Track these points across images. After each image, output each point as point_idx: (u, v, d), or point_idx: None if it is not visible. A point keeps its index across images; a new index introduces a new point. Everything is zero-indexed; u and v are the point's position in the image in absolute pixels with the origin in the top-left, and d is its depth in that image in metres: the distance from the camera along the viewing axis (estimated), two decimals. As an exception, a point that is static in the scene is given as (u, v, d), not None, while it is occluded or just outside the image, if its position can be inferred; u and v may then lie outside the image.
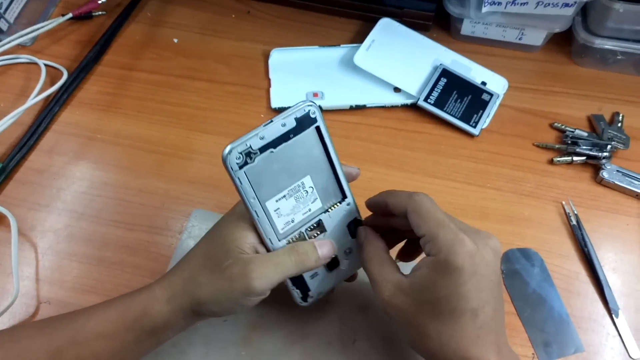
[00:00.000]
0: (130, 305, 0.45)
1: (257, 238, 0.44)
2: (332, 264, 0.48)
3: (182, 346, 0.53)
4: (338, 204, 0.46)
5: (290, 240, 0.45)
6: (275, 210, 0.43)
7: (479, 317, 0.40)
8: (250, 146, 0.40)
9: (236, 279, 0.42)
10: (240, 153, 0.40)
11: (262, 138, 0.40)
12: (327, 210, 0.46)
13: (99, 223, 0.61)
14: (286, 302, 0.49)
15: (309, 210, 0.45)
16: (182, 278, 0.44)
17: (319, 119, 0.42)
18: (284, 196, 0.43)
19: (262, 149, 0.40)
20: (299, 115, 0.41)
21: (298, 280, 0.47)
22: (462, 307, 0.40)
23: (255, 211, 0.42)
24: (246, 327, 0.54)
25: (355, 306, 0.55)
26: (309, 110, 0.41)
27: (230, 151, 0.39)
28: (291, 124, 0.41)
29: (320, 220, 0.46)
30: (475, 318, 0.40)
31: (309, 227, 0.46)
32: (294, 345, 0.54)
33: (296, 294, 0.48)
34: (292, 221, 0.45)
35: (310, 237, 0.46)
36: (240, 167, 0.40)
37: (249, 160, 0.40)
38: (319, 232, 0.46)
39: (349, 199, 0.46)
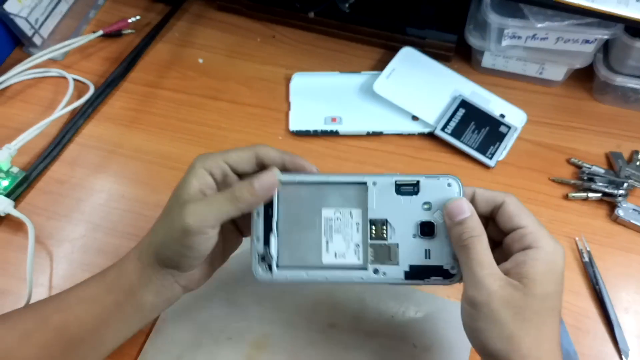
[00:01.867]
0: (110, 269, 0.47)
1: (207, 183, 0.45)
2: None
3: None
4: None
5: None
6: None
7: (559, 320, 0.41)
8: None
9: (175, 219, 0.43)
10: None
11: None
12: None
13: (113, 235, 0.62)
14: (291, 323, 0.49)
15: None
16: (148, 235, 0.46)
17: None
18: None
19: None
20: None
21: None
22: (558, 305, 0.41)
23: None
24: (250, 346, 0.55)
25: (362, 333, 0.55)
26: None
27: None
28: None
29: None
30: (559, 321, 0.42)
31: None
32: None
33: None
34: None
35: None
36: None
37: None
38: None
39: None
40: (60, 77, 0.74)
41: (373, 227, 0.44)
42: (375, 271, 0.44)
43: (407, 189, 0.44)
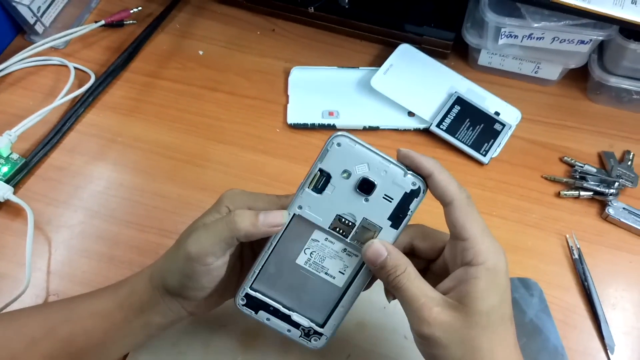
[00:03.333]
0: (123, 284, 0.47)
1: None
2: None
3: (182, 347, 0.55)
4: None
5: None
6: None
7: (513, 326, 0.41)
8: None
9: (180, 246, 0.43)
10: None
11: None
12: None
13: (112, 222, 0.63)
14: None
15: None
16: (162, 257, 0.47)
17: None
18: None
19: None
20: None
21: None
22: (508, 314, 0.40)
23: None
24: (244, 333, 0.56)
25: (352, 322, 0.56)
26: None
27: None
28: None
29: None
30: (512, 326, 0.41)
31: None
32: (288, 353, 0.55)
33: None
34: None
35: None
36: None
37: None
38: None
39: None
40: (62, 65, 0.74)
41: (338, 229, 0.43)
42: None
43: (322, 182, 0.42)
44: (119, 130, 0.70)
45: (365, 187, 0.42)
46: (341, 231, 0.43)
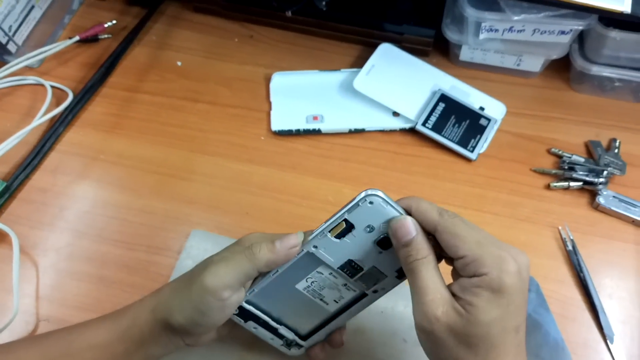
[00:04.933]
0: (123, 315, 0.46)
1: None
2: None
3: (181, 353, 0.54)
4: None
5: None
6: None
7: (519, 334, 0.40)
8: None
9: (192, 281, 0.43)
10: None
11: None
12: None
13: (100, 242, 0.62)
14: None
15: None
16: (168, 289, 0.46)
17: None
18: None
19: None
20: None
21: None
22: (510, 325, 0.39)
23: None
24: (242, 348, 0.55)
25: (350, 328, 0.56)
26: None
27: None
28: None
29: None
30: (517, 335, 0.40)
31: None
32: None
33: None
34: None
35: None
36: None
37: None
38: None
39: None
40: (38, 84, 0.73)
41: (345, 270, 0.45)
42: (375, 291, 0.46)
43: (344, 231, 0.43)
44: (101, 147, 0.69)
45: (385, 243, 0.43)
46: (348, 272, 0.45)
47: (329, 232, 0.43)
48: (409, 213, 0.42)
